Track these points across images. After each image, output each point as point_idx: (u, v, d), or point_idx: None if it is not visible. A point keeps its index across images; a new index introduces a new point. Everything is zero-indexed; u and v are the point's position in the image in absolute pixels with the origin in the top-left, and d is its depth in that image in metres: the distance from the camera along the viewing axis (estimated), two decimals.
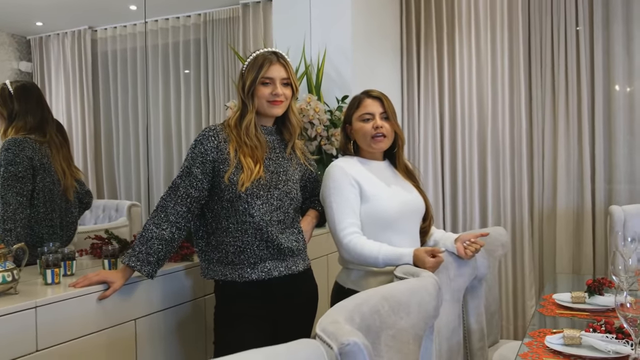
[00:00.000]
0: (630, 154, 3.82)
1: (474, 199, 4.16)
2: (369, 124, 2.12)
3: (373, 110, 2.13)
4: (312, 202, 2.28)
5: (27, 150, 2.33)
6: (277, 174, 2.03)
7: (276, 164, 2.05)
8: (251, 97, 2.00)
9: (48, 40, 3.42)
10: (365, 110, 2.14)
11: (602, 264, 3.83)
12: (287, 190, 2.04)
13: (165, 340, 2.11)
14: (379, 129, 2.11)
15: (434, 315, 1.67)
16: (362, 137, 2.15)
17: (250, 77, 2.00)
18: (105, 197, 3.54)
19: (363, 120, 2.14)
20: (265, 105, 2.01)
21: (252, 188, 1.94)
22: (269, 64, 2.01)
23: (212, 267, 2.02)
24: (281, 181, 2.03)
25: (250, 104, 2.00)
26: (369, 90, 2.20)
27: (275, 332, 2.02)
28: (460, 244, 2.12)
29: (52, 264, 1.87)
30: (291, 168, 2.09)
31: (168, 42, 3.94)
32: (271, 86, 2.01)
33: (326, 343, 1.13)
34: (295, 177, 2.10)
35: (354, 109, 2.18)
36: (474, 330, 2.39)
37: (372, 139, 2.13)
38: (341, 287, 2.12)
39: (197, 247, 2.07)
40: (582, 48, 3.87)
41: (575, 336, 1.80)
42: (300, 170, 2.15)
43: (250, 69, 2.01)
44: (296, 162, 2.14)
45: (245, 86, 2.01)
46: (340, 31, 3.48)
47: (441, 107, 4.28)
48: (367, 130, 2.12)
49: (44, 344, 1.68)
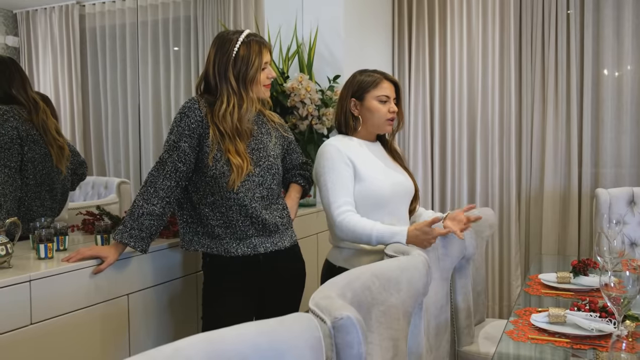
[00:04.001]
0: (617, 138, 3.86)
1: (462, 181, 4.20)
2: (386, 106, 2.15)
3: (389, 94, 2.17)
4: (293, 177, 2.28)
5: (12, 121, 2.25)
6: (257, 150, 2.03)
7: (257, 141, 2.05)
8: (251, 86, 1.99)
9: (35, 15, 3.36)
10: (384, 92, 2.16)
11: (587, 245, 3.90)
12: (269, 165, 2.05)
13: (157, 315, 2.14)
14: (394, 113, 2.16)
15: (423, 292, 1.70)
16: (377, 117, 2.17)
17: (255, 65, 1.98)
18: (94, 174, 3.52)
19: (381, 101, 2.16)
20: (262, 90, 2.02)
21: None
22: (264, 48, 2.02)
23: (198, 239, 2.02)
24: (262, 157, 2.03)
25: (252, 93, 2.00)
26: (385, 73, 2.23)
27: (262, 308, 2.05)
28: (453, 223, 2.06)
29: (45, 239, 1.87)
30: (271, 143, 2.10)
31: (158, 18, 3.89)
32: (267, 70, 2.03)
33: (319, 317, 1.15)
34: (277, 151, 2.11)
35: (370, 87, 2.17)
36: (461, 308, 2.43)
37: (385, 121, 2.17)
38: (332, 266, 2.15)
39: (181, 219, 2.06)
40: (573, 32, 3.89)
41: (560, 315, 1.84)
42: (280, 143, 2.16)
43: (254, 56, 1.99)
44: (275, 135, 2.14)
45: (247, 75, 1.98)
46: (333, 10, 3.47)
47: (431, 88, 4.30)
48: (384, 112, 2.15)
49: (38, 317, 1.70)
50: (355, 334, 1.13)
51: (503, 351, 1.70)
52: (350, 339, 1.13)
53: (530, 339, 1.76)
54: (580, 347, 1.68)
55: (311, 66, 3.36)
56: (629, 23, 3.79)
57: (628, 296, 1.55)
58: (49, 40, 3.39)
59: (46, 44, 3.38)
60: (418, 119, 4.29)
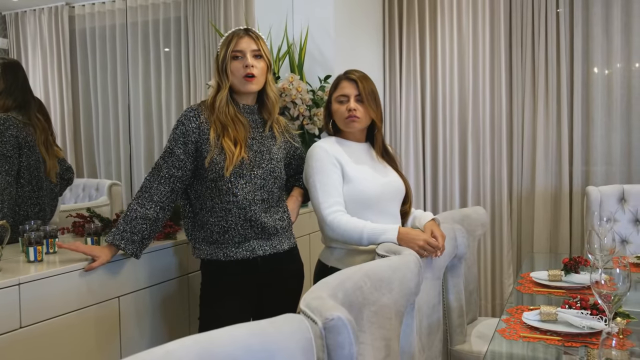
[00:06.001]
0: (607, 135, 3.88)
1: (454, 179, 4.21)
2: (344, 105, 2.15)
3: (348, 92, 2.15)
4: (297, 180, 2.29)
5: (12, 129, 2.29)
6: (260, 153, 2.03)
7: (259, 143, 2.05)
8: (225, 74, 2.01)
9: (24, 16, 3.34)
10: (342, 92, 2.17)
11: (578, 243, 3.92)
12: (271, 169, 2.04)
13: (149, 317, 2.12)
14: (352, 111, 2.14)
15: (415, 292, 1.70)
16: (338, 118, 2.18)
17: (222, 54, 2.01)
18: (85, 176, 3.50)
19: (339, 101, 2.17)
20: (239, 81, 2.01)
21: (235, 168, 1.95)
22: (237, 37, 2.02)
23: (199, 246, 2.04)
24: (264, 160, 2.03)
25: (224, 81, 2.01)
26: (349, 71, 2.22)
27: (260, 310, 2.05)
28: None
29: (34, 242, 1.86)
30: (275, 147, 2.10)
31: (148, 19, 3.88)
32: (242, 59, 2.01)
33: (310, 318, 1.15)
34: (279, 155, 2.11)
35: (332, 88, 2.22)
36: (453, 307, 2.44)
37: (345, 120, 2.16)
38: (324, 266, 2.15)
39: (185, 227, 2.08)
40: (562, 30, 3.91)
41: (551, 312, 1.85)
42: (284, 148, 2.16)
43: (222, 47, 2.03)
44: (280, 140, 2.14)
45: (218, 64, 2.02)
46: (323, 10, 3.46)
47: (422, 87, 4.31)
48: (342, 111, 2.16)
49: (27, 321, 1.68)
50: (346, 334, 1.13)
51: (495, 350, 1.71)
52: (341, 340, 1.13)
53: (522, 337, 1.76)
54: (572, 344, 1.69)
55: (302, 66, 3.35)
56: (617, 21, 3.81)
57: (619, 293, 1.56)
58: (38, 41, 3.37)
59: (35, 46, 3.36)
60: (409, 118, 4.30)
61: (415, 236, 1.97)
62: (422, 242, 1.96)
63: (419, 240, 1.97)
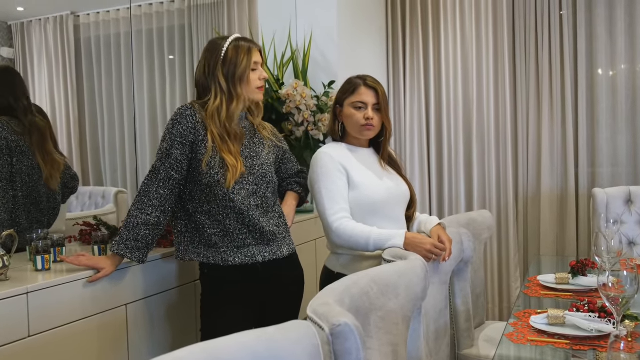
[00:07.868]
0: (612, 137, 3.87)
1: (459, 183, 4.20)
2: (361, 113, 2.12)
3: (367, 100, 2.12)
4: (289, 184, 2.28)
5: (1, 132, 2.25)
6: (251, 159, 2.03)
7: (249, 149, 2.05)
8: (240, 84, 1.99)
9: (30, 26, 3.36)
10: (360, 98, 2.13)
11: (585, 245, 3.90)
12: (263, 174, 2.04)
13: (156, 325, 2.13)
14: (370, 120, 2.12)
15: (421, 297, 1.70)
16: (353, 124, 2.15)
17: (243, 64, 1.98)
18: (91, 184, 3.51)
19: (356, 107, 2.13)
20: (254, 92, 2.01)
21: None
22: (254, 48, 2.03)
23: (193, 248, 2.01)
24: (256, 166, 2.03)
25: (241, 91, 1.99)
26: (366, 77, 2.18)
27: (262, 318, 2.03)
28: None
29: (42, 251, 1.87)
30: (264, 152, 2.10)
31: (152, 27, 3.89)
32: (258, 71, 2.02)
33: (317, 324, 1.14)
34: (270, 160, 2.11)
35: (348, 93, 2.17)
36: (460, 311, 2.43)
37: (361, 127, 2.14)
38: (330, 272, 2.14)
39: (176, 229, 2.05)
40: (566, 32, 3.91)
41: (559, 316, 1.84)
42: (273, 152, 2.16)
43: (239, 55, 1.99)
44: (269, 144, 2.14)
45: (235, 73, 1.98)
46: (326, 15, 3.47)
47: (427, 91, 4.31)
48: (358, 118, 2.13)
49: (36, 330, 1.69)
50: (353, 340, 1.13)
51: (503, 354, 1.70)
52: (348, 346, 1.13)
53: (529, 341, 1.76)
54: (580, 348, 1.68)
55: (306, 72, 3.36)
56: (621, 22, 3.81)
57: (626, 296, 1.55)
58: (44, 51, 3.38)
59: (41, 55, 3.38)
60: (414, 123, 4.30)
61: (422, 241, 1.97)
62: (429, 247, 1.96)
63: (426, 244, 1.96)
